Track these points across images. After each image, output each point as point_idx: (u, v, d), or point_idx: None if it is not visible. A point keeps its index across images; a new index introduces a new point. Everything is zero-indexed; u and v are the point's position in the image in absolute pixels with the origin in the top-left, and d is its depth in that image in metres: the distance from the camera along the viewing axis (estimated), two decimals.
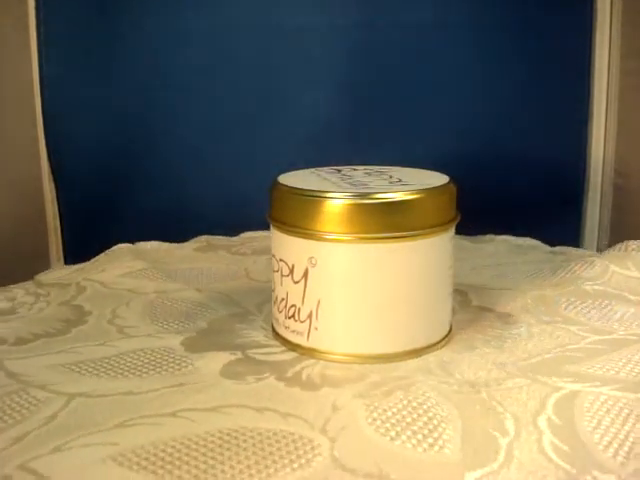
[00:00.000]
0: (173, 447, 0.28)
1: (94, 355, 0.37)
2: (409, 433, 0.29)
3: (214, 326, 0.42)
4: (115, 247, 0.57)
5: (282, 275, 0.37)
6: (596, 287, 0.47)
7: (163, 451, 0.28)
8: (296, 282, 0.36)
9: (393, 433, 0.29)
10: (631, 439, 0.28)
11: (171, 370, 0.35)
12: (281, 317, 0.38)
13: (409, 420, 0.30)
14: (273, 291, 0.39)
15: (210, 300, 0.46)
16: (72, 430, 0.29)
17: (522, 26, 0.64)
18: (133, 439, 0.28)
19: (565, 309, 0.43)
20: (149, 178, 0.65)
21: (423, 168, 0.41)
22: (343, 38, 0.64)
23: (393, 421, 0.30)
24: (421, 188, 0.36)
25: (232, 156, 0.65)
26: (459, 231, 0.39)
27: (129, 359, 0.37)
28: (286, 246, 0.37)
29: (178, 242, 0.61)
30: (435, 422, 0.30)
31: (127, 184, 0.65)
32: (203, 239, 0.62)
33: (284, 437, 0.29)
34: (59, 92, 0.63)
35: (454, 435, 0.29)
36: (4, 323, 0.42)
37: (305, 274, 0.36)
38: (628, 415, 0.30)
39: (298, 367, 0.36)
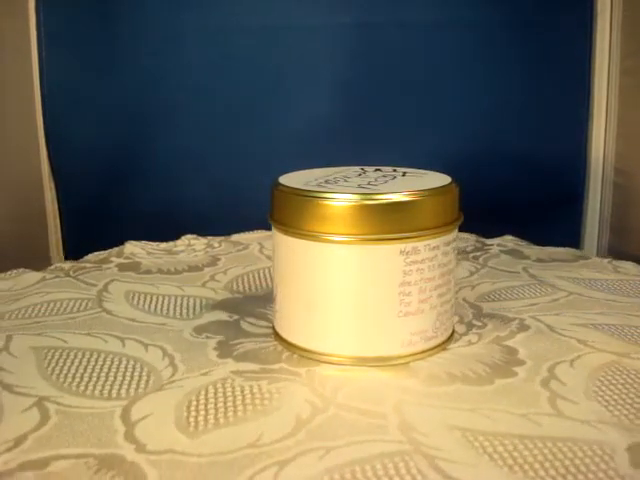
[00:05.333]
0: (64, 352, 0.36)
1: (161, 292, 0.47)
2: (202, 409, 0.31)
3: (261, 296, 0.46)
4: None
5: None
6: None
7: (52, 352, 0.36)
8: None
9: (195, 403, 0.31)
10: None
11: (176, 315, 0.43)
12: None
13: (219, 400, 0.32)
14: None
15: None
16: (61, 327, 0.40)
17: (522, 26, 0.64)
18: (58, 341, 0.38)
19: (601, 379, 0.33)
20: (149, 178, 0.67)
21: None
22: (343, 38, 0.62)
23: (216, 394, 0.32)
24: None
25: (231, 156, 0.66)
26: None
27: (172, 301, 0.45)
28: None
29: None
30: (228, 409, 0.31)
31: (127, 184, 0.67)
32: None
33: (135, 377, 0.34)
34: (59, 92, 0.65)
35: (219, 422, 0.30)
36: (158, 259, 0.55)
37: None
38: None
39: (248, 340, 0.39)
